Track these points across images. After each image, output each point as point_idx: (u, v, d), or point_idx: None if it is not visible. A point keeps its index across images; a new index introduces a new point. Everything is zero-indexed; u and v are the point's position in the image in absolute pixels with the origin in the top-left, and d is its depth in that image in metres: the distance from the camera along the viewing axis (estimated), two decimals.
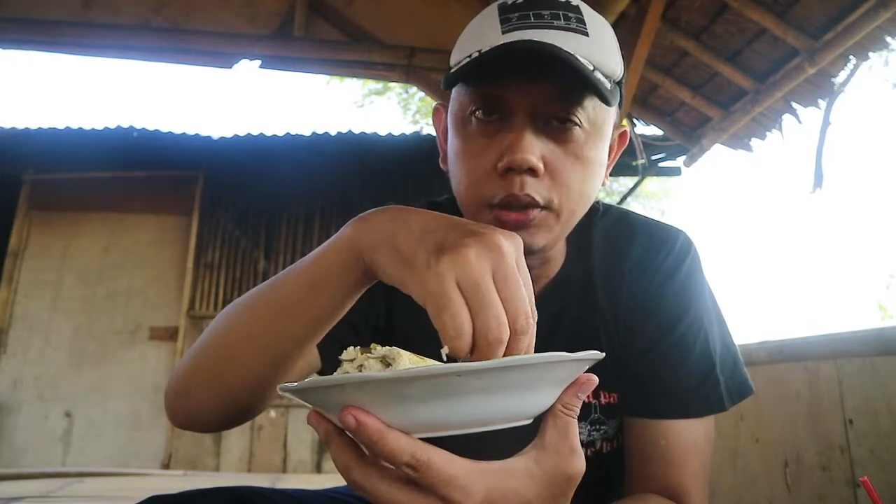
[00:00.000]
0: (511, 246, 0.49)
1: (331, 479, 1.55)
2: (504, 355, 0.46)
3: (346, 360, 0.49)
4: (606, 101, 0.65)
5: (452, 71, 0.69)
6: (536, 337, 0.49)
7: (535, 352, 0.47)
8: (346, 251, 0.55)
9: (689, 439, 0.75)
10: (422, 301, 0.48)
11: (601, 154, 0.73)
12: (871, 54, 2.89)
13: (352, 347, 0.50)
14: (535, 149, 0.66)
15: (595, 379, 0.51)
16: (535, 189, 0.67)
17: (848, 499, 1.42)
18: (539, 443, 0.50)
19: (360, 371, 0.48)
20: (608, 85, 0.66)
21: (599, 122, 0.70)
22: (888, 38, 2.77)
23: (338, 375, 0.47)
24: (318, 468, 5.18)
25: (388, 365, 0.48)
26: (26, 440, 5.05)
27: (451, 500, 0.45)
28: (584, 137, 0.69)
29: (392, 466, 0.47)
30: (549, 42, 0.65)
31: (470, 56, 0.67)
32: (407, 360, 0.48)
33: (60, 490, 2.66)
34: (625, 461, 0.79)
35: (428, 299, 0.47)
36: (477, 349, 0.46)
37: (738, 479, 1.85)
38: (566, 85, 0.66)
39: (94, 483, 3.05)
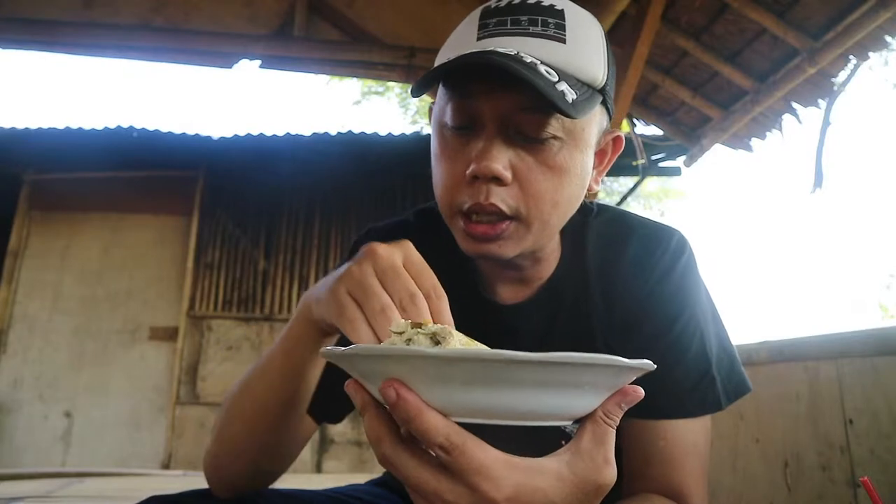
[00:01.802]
0: (387, 251, 0.57)
1: (331, 480, 1.55)
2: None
3: (395, 333, 0.48)
4: (566, 115, 0.62)
5: (419, 79, 0.68)
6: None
7: None
8: (302, 315, 0.67)
9: (687, 439, 0.75)
10: (332, 319, 0.58)
11: (580, 162, 0.71)
12: (871, 54, 2.89)
13: (403, 320, 0.49)
14: (501, 157, 0.66)
15: (641, 392, 0.49)
16: (501, 198, 0.67)
17: (848, 499, 1.42)
18: (574, 447, 0.48)
19: (408, 345, 0.46)
20: (572, 96, 0.63)
21: (577, 130, 0.69)
22: (888, 38, 2.77)
23: (385, 346, 0.46)
24: (318, 468, 5.17)
25: (437, 343, 0.46)
26: (26, 440, 5.04)
27: (478, 490, 0.44)
28: (557, 146, 0.68)
29: (425, 447, 0.46)
30: (517, 51, 0.64)
31: (440, 63, 0.67)
32: (457, 341, 0.46)
33: (60, 490, 2.66)
34: (624, 462, 0.79)
35: (330, 313, 0.58)
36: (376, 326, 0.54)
37: (738, 479, 1.85)
38: (531, 96, 0.63)
39: (94, 483, 3.05)
